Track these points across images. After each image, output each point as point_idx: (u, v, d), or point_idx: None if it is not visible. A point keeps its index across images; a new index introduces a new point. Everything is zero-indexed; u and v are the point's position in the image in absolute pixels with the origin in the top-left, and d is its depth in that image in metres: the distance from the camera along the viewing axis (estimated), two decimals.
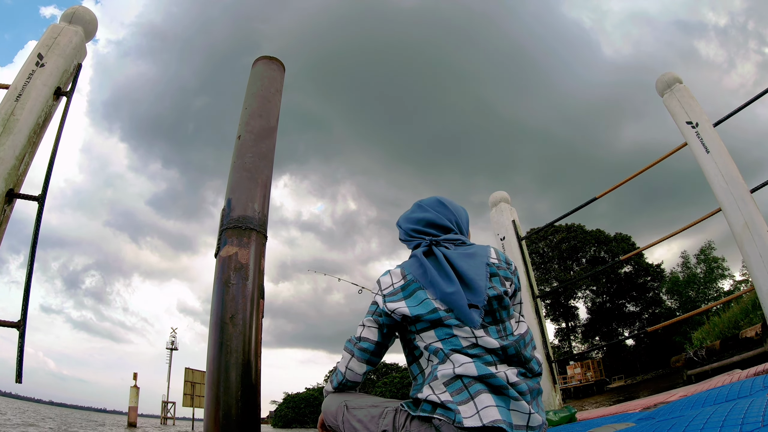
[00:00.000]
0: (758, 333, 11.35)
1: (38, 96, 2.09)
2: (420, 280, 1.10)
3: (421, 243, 1.19)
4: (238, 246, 1.87)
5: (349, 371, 1.17)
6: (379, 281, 1.17)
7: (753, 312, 15.26)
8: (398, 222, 1.31)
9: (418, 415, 0.98)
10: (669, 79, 3.21)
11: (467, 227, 1.29)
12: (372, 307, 1.17)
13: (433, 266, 1.10)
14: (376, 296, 1.15)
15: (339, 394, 1.21)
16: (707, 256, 28.81)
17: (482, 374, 0.94)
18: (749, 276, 2.67)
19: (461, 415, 0.91)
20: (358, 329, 1.17)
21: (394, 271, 1.16)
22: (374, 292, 1.16)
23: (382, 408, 1.07)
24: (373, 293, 1.16)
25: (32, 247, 1.99)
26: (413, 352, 1.11)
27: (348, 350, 1.17)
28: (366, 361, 1.15)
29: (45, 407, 67.14)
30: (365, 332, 1.15)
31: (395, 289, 1.12)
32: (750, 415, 1.07)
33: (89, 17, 2.46)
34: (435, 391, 0.97)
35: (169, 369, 34.48)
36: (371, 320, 1.15)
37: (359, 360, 1.15)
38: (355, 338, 1.17)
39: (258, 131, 2.20)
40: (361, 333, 1.16)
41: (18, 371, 1.85)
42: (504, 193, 4.45)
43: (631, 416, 2.03)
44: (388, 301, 1.10)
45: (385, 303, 1.11)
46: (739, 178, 2.71)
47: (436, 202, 1.27)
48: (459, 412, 0.92)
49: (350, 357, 1.16)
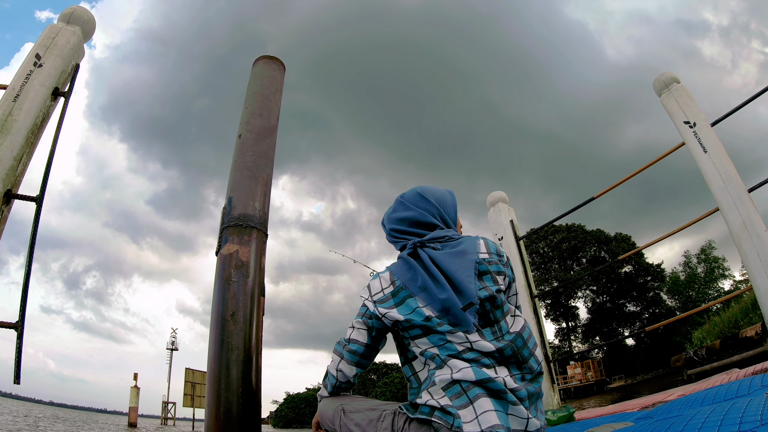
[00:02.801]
0: (758, 332, 11.37)
1: (36, 96, 2.08)
2: (409, 286, 1.07)
3: (407, 244, 1.16)
4: (239, 244, 1.87)
5: (339, 373, 1.16)
6: (368, 286, 1.14)
7: (753, 312, 15.28)
8: (382, 221, 1.28)
9: (416, 417, 0.97)
10: (666, 79, 3.21)
11: (455, 216, 1.23)
12: (362, 309, 1.15)
13: (422, 270, 1.07)
14: (366, 301, 1.13)
15: (335, 397, 1.19)
16: (707, 256, 28.81)
17: (480, 378, 0.93)
18: (748, 275, 2.66)
19: (461, 420, 0.91)
20: (348, 331, 1.16)
21: (383, 275, 1.14)
22: (363, 296, 1.14)
23: (379, 411, 1.06)
24: (362, 297, 1.15)
25: (30, 247, 1.99)
26: (406, 354, 1.10)
27: (337, 352, 1.16)
28: (356, 363, 1.14)
29: (46, 408, 66.95)
30: (354, 334, 1.13)
31: (385, 295, 1.10)
32: (748, 414, 1.07)
33: (87, 17, 2.45)
34: (434, 396, 0.96)
35: (170, 369, 34.49)
36: (361, 322, 1.13)
37: (349, 362, 1.14)
38: (344, 340, 1.16)
39: (258, 130, 2.21)
40: (351, 335, 1.14)
41: (16, 372, 1.85)
42: (502, 193, 4.44)
43: (629, 415, 2.03)
44: (379, 306, 1.09)
45: (375, 307, 1.09)
46: (737, 178, 2.71)
47: (417, 197, 1.21)
48: (459, 417, 0.91)
49: (340, 359, 1.15)
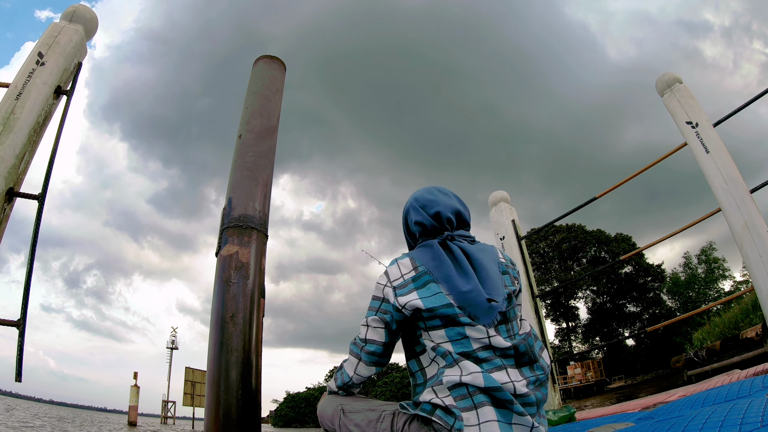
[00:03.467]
0: (758, 333, 11.35)
1: (38, 95, 2.09)
2: (433, 272, 1.03)
3: (434, 234, 1.12)
4: (238, 245, 1.87)
5: (356, 376, 1.14)
6: (386, 272, 1.08)
7: (753, 312, 15.24)
8: (406, 213, 1.20)
9: (417, 414, 0.96)
10: (669, 79, 3.20)
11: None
12: (374, 303, 1.08)
13: (449, 260, 1.04)
14: (385, 288, 1.06)
15: (335, 396, 1.19)
16: (708, 257, 28.76)
17: (489, 386, 0.91)
18: (749, 276, 2.66)
19: (463, 423, 0.89)
20: (362, 330, 1.10)
21: (402, 261, 1.08)
22: (381, 283, 1.08)
23: (379, 412, 1.06)
24: (380, 284, 1.08)
25: (32, 245, 1.99)
26: (414, 347, 1.07)
27: (355, 354, 1.13)
28: (374, 363, 1.11)
29: (47, 406, 66.99)
30: (370, 333, 1.09)
31: (405, 280, 1.04)
32: (749, 415, 1.07)
33: (89, 15, 2.45)
34: (438, 395, 0.95)
35: (170, 368, 34.47)
36: (376, 319, 1.08)
37: (367, 364, 1.11)
38: (360, 340, 1.11)
39: (259, 130, 2.21)
40: (366, 335, 1.09)
41: (18, 370, 1.85)
42: (503, 192, 4.44)
43: (630, 416, 2.03)
44: (399, 295, 1.03)
45: (396, 297, 1.03)
46: (739, 179, 2.71)
47: (450, 193, 1.18)
48: (461, 419, 0.90)
49: (357, 361, 1.12)
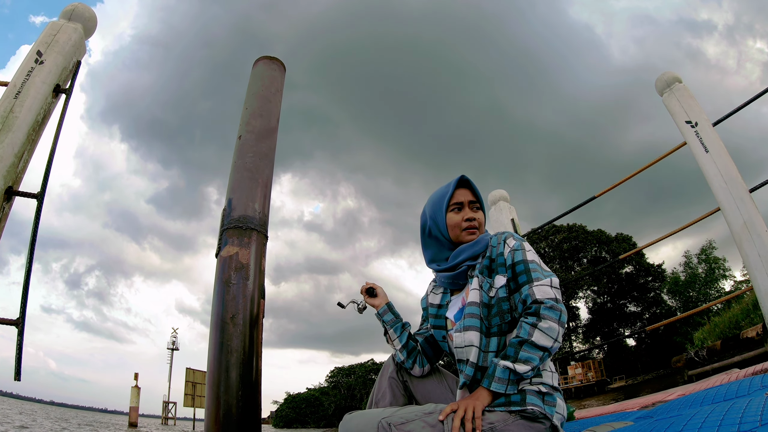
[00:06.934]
0: (759, 333, 11.35)
1: (37, 93, 2.08)
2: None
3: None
4: (238, 246, 1.87)
5: (557, 344, 0.96)
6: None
7: (754, 312, 15.25)
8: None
9: (521, 411, 0.87)
10: (668, 79, 3.19)
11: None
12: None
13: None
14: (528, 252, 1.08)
15: (364, 412, 1.01)
16: (708, 256, 28.73)
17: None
18: (749, 276, 2.65)
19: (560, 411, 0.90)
20: (553, 280, 0.99)
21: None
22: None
23: (439, 412, 0.92)
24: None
25: (31, 244, 1.99)
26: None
27: (555, 320, 0.94)
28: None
29: (48, 407, 66.88)
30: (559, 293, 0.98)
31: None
32: (748, 414, 1.07)
33: (88, 14, 2.45)
34: (552, 380, 0.93)
35: (170, 369, 34.52)
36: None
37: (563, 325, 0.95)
38: (551, 299, 0.95)
39: (258, 131, 2.21)
40: (556, 294, 0.98)
41: (17, 369, 1.85)
42: (503, 191, 4.44)
43: (629, 415, 2.03)
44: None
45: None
46: (738, 178, 2.70)
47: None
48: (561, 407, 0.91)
49: (558, 329, 0.94)
